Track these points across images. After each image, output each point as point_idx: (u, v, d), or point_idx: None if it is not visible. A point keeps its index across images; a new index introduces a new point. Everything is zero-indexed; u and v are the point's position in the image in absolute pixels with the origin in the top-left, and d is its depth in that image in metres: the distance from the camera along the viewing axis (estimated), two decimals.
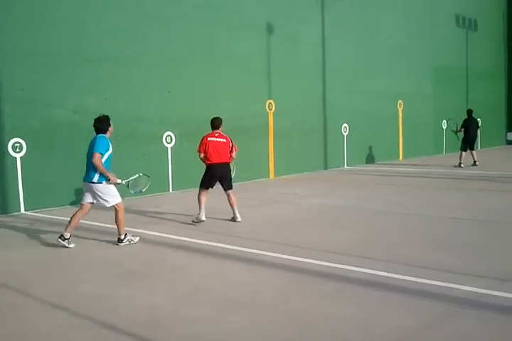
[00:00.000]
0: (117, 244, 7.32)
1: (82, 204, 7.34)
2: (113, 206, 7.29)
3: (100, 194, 7.18)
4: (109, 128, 7.42)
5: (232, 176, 8.94)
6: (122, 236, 7.34)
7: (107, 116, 7.46)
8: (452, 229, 7.98)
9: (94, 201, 7.30)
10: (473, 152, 17.01)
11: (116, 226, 7.40)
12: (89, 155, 7.14)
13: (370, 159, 18.46)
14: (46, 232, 8.26)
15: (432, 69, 21.63)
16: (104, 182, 7.15)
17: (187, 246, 7.21)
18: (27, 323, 4.57)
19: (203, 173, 8.94)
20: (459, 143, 17.28)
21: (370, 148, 18.49)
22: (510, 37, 27.09)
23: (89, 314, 4.73)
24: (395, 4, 19.46)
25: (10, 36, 9.80)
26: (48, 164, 10.35)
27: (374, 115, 18.38)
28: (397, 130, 19.92)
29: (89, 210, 7.40)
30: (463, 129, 17.06)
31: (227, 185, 8.80)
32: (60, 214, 9.61)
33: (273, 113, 14.84)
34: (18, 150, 9.97)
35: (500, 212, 9.22)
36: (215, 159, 8.61)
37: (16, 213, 9.92)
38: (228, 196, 8.81)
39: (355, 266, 5.97)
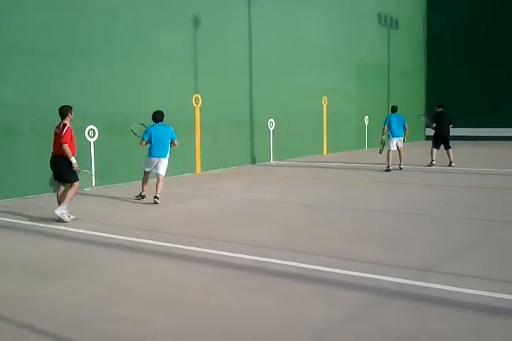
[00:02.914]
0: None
1: (147, 172, 10.26)
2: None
3: (164, 166, 10.19)
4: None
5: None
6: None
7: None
8: (375, 222, 8.19)
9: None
10: (450, 151, 15.53)
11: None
12: (167, 140, 10.17)
13: (295, 153, 18.66)
14: None
15: (356, 67, 22.15)
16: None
17: (112, 242, 7.03)
18: None
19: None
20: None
21: (296, 142, 18.71)
22: (429, 36, 28.20)
23: (6, 314, 4.51)
24: (319, 2, 19.74)
25: None
26: None
27: (299, 110, 18.62)
28: (322, 125, 20.28)
29: None
30: (434, 124, 15.79)
31: (63, 178, 8.38)
32: None
33: (200, 107, 14.73)
34: None
35: (419, 204, 9.55)
36: (53, 150, 8.34)
37: None
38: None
39: (280, 260, 6.01)
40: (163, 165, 10.19)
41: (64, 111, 8.33)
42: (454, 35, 26.89)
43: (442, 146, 15.59)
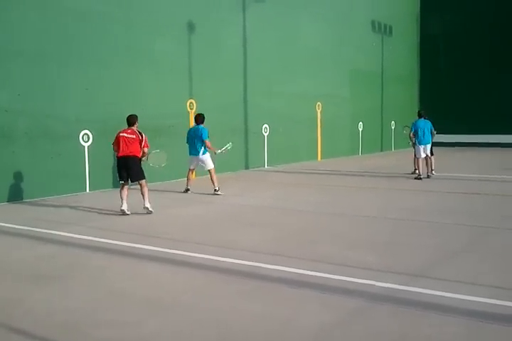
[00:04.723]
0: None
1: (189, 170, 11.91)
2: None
3: (207, 162, 11.68)
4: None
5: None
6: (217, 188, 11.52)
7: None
8: (369, 228, 8.22)
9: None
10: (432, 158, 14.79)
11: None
12: (198, 140, 11.59)
13: (289, 159, 18.70)
14: None
15: (349, 73, 22.24)
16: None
17: (105, 247, 7.03)
18: None
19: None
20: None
21: (290, 148, 18.75)
22: (423, 43, 28.36)
23: (0, 319, 4.52)
24: (314, 8, 19.81)
25: None
26: None
27: (294, 116, 18.66)
28: (316, 131, 20.34)
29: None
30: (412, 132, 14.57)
31: (135, 177, 9.42)
32: None
33: (194, 112, 14.74)
34: None
35: (412, 210, 9.59)
36: (122, 152, 9.32)
37: None
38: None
39: (274, 265, 6.03)
40: (204, 162, 11.66)
41: (132, 120, 9.51)
42: (447, 40, 27.05)
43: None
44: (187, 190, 11.83)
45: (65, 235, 7.70)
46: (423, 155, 14.17)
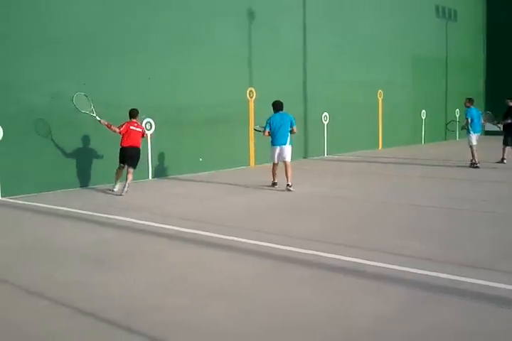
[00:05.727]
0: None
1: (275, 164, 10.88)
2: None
3: (288, 153, 10.76)
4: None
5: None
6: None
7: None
8: (425, 217, 8.02)
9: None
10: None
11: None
12: (286, 128, 10.77)
13: (350, 148, 18.45)
14: (22, 219, 8.14)
15: (411, 60, 21.66)
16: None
17: (165, 233, 7.15)
18: (2, 310, 4.49)
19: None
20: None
21: (351, 136, 18.48)
22: (489, 27, 27.23)
23: (66, 301, 4.66)
24: None
25: None
26: (24, 150, 10.16)
27: (354, 104, 18.36)
28: (377, 119, 19.97)
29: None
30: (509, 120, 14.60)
31: (134, 164, 10.35)
32: (36, 200, 9.46)
33: (254, 101, 14.75)
34: None
35: (470, 200, 9.31)
36: (130, 143, 10.17)
37: None
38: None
39: (331, 253, 5.97)
40: (289, 152, 10.81)
41: (134, 113, 10.35)
42: None
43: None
44: (274, 184, 10.98)
45: (124, 220, 7.87)
46: (475, 143, 14.13)
